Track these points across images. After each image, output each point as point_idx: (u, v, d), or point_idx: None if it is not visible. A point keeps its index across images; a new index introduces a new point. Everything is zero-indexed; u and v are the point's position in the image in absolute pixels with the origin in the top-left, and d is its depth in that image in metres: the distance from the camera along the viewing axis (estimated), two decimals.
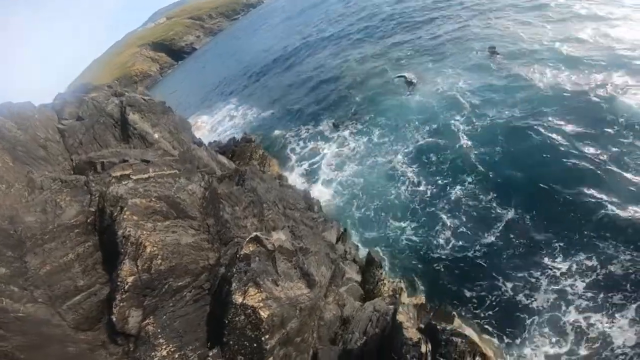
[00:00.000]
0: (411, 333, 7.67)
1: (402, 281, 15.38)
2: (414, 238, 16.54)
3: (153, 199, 9.44)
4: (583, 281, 12.45)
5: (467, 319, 13.63)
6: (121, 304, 8.05)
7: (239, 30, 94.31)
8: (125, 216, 9.14)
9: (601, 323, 11.34)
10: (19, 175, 10.44)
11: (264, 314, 7.91)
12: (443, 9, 38.22)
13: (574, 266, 12.95)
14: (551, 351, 11.39)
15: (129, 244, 9.08)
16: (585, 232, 13.67)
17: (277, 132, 29.99)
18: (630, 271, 12.05)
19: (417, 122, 22.71)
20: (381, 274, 15.13)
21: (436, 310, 13.96)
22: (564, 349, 11.26)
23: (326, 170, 22.35)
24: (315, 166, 23.42)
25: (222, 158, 17.06)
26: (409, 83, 26.40)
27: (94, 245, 9.96)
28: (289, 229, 11.40)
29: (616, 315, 11.32)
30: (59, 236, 10.01)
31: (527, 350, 11.72)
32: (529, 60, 23.81)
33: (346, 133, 25.03)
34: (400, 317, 8.30)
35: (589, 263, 12.77)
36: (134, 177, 9.66)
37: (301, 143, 26.73)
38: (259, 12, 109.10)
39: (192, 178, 10.29)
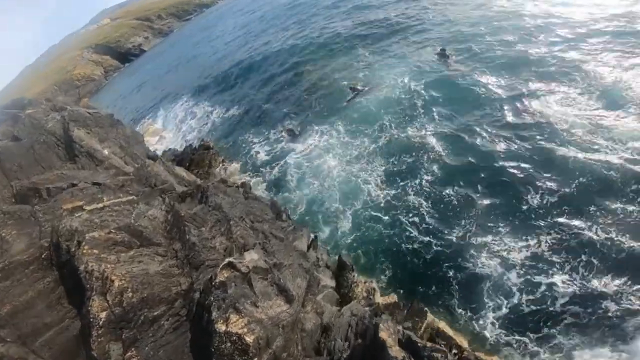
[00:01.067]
0: (395, 352, 7.57)
1: (373, 281, 15.46)
2: (382, 236, 16.69)
3: (112, 230, 8.51)
4: (527, 252, 13.97)
5: (437, 309, 14.10)
6: (99, 340, 7.53)
7: (192, 30, 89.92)
8: (84, 251, 8.24)
9: (543, 283, 13.01)
10: None
11: (249, 339, 7.62)
12: (397, 15, 38.83)
13: (521, 242, 14.36)
14: (503, 311, 12.79)
15: (93, 279, 8.39)
16: (530, 213, 15.08)
17: (237, 136, 28.83)
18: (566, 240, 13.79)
19: (375, 125, 22.77)
20: (354, 276, 15.05)
21: (409, 308, 14.14)
22: (516, 307, 12.74)
23: (291, 174, 21.81)
24: (279, 170, 22.77)
25: (179, 170, 15.95)
26: (355, 90, 26.28)
27: (55, 281, 9.24)
28: (260, 245, 10.83)
29: (555, 276, 13.02)
30: (12, 274, 9.16)
31: (487, 319, 12.87)
32: (480, 59, 24.69)
33: (307, 136, 24.50)
34: (383, 335, 8.18)
35: (535, 239, 14.22)
36: (88, 208, 8.63)
37: (263, 147, 25.86)
38: (213, 12, 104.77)
39: (151, 202, 9.40)
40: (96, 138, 13.73)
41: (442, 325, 13.44)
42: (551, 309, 12.35)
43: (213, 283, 8.34)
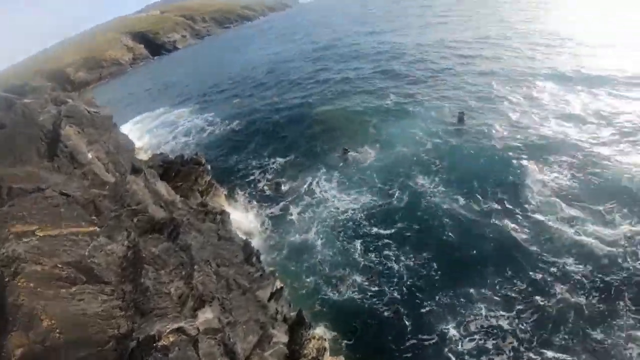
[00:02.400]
0: None
1: (327, 340, 14.31)
2: (355, 297, 15.61)
3: (59, 265, 7.29)
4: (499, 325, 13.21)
5: None
6: None
7: (227, 39, 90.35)
8: (19, 283, 6.98)
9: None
10: None
11: None
12: (413, 69, 38.48)
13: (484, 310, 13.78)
14: None
15: (20, 313, 7.03)
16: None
17: (231, 159, 27.63)
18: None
19: (371, 185, 21.86)
20: (309, 334, 13.84)
21: None
22: None
23: (274, 218, 20.62)
24: (264, 210, 21.60)
25: (160, 186, 14.65)
26: (345, 155, 24.46)
27: None
28: (218, 300, 9.63)
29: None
30: None
31: None
32: (500, 124, 23.90)
33: (298, 185, 23.14)
34: None
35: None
36: (40, 234, 7.43)
37: (252, 178, 24.66)
38: (253, 27, 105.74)
39: (114, 237, 8.26)
40: (85, 139, 12.55)
41: None
42: None
43: (155, 345, 7.15)
